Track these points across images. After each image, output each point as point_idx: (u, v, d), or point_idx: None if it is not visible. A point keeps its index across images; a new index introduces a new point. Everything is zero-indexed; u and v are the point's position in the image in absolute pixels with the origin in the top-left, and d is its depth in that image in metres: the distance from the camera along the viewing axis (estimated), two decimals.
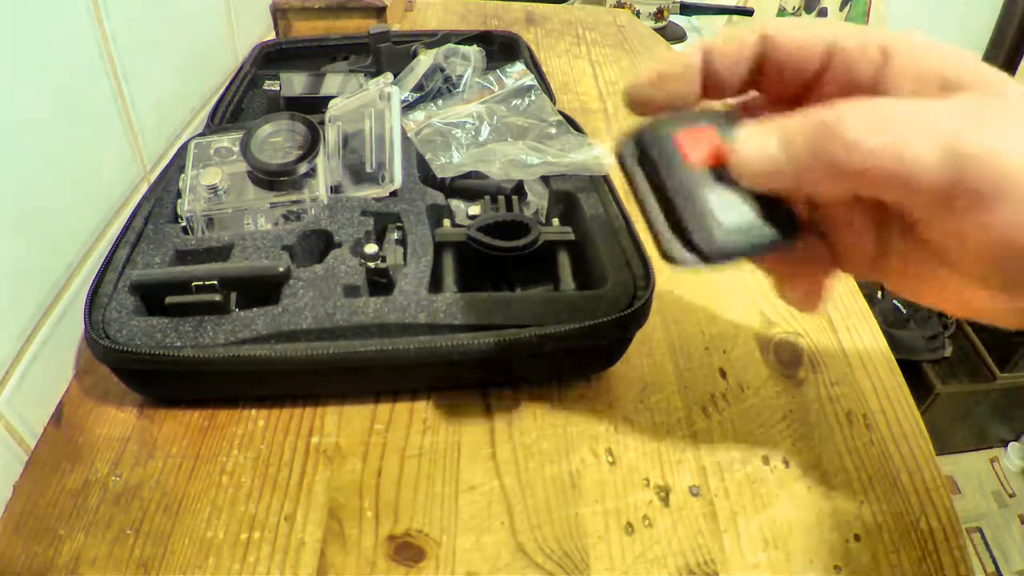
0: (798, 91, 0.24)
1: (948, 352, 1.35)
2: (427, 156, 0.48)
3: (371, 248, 0.39)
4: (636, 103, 0.24)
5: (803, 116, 0.20)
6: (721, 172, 0.22)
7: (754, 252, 0.22)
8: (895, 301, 1.34)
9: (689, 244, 0.21)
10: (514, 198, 0.44)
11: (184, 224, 0.41)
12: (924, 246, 0.22)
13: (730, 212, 0.21)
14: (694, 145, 0.22)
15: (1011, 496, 1.43)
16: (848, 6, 1.66)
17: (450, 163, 0.48)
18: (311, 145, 0.43)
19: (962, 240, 0.20)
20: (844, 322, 0.46)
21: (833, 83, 0.23)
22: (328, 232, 0.40)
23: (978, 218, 0.19)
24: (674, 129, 0.22)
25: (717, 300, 0.46)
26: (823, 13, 1.66)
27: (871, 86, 0.22)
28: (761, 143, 0.21)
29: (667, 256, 0.21)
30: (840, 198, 0.24)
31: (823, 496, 0.36)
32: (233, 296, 0.37)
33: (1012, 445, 1.48)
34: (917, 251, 0.23)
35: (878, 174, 0.19)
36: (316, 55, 0.66)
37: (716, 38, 0.24)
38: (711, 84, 0.24)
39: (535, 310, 0.36)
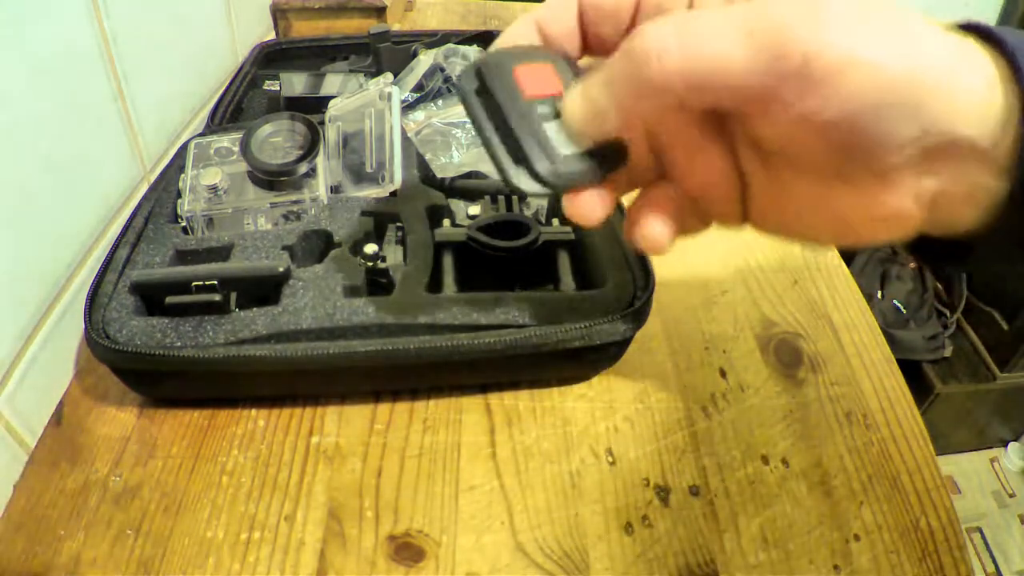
0: (616, 44, 0.24)
1: (948, 352, 1.35)
2: (427, 156, 0.48)
3: (371, 248, 0.39)
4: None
5: (617, 51, 0.21)
6: (556, 104, 0.22)
7: (594, 177, 0.23)
8: (895, 301, 1.34)
9: (532, 173, 0.22)
10: (514, 198, 0.44)
11: (184, 224, 0.41)
12: (774, 160, 0.23)
13: (565, 142, 0.22)
14: (531, 80, 0.22)
15: (1011, 496, 1.43)
16: None
17: (450, 163, 0.48)
18: (311, 145, 0.43)
19: (797, 130, 0.20)
20: (844, 322, 0.46)
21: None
22: (328, 232, 0.40)
23: (802, 103, 0.19)
24: (514, 63, 0.23)
25: (717, 300, 0.46)
26: None
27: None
28: (586, 94, 0.21)
29: (512, 185, 0.22)
30: (672, 121, 0.24)
31: (823, 496, 0.36)
32: (233, 296, 0.37)
33: (1012, 445, 1.48)
34: (769, 169, 0.23)
35: (692, 79, 0.19)
36: (316, 55, 0.66)
37: (543, 10, 0.25)
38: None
39: (535, 310, 0.36)
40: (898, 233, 0.22)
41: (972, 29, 0.20)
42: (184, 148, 0.45)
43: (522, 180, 0.22)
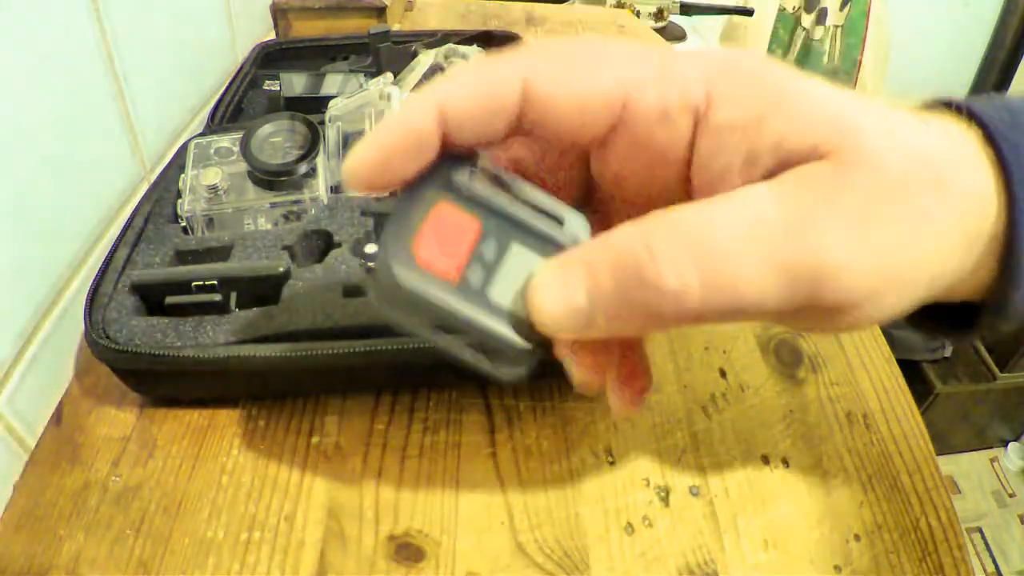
0: (581, 148, 0.21)
1: (948, 352, 1.35)
2: None
3: (371, 248, 0.39)
4: (363, 187, 0.19)
5: (608, 252, 0.17)
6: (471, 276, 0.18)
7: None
8: None
9: (505, 362, 0.19)
10: None
11: (184, 224, 0.41)
12: None
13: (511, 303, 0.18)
14: (439, 247, 0.17)
15: (1011, 496, 1.43)
16: (848, 6, 1.66)
17: None
18: (311, 145, 0.43)
19: (827, 331, 0.20)
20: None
21: (626, 151, 0.19)
22: (328, 232, 0.40)
23: (830, 322, 0.18)
24: (410, 225, 0.17)
25: None
26: (823, 13, 1.66)
27: (681, 159, 0.19)
28: (565, 293, 0.18)
29: (496, 379, 0.19)
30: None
31: (823, 496, 0.36)
32: (233, 296, 0.37)
33: (1012, 445, 1.48)
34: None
35: (711, 315, 0.17)
36: (316, 55, 0.66)
37: (455, 83, 0.18)
38: (451, 142, 0.19)
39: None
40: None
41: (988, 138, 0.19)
42: (184, 148, 0.45)
43: (502, 371, 0.19)
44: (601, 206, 0.23)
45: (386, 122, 0.18)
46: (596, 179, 0.22)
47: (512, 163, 0.22)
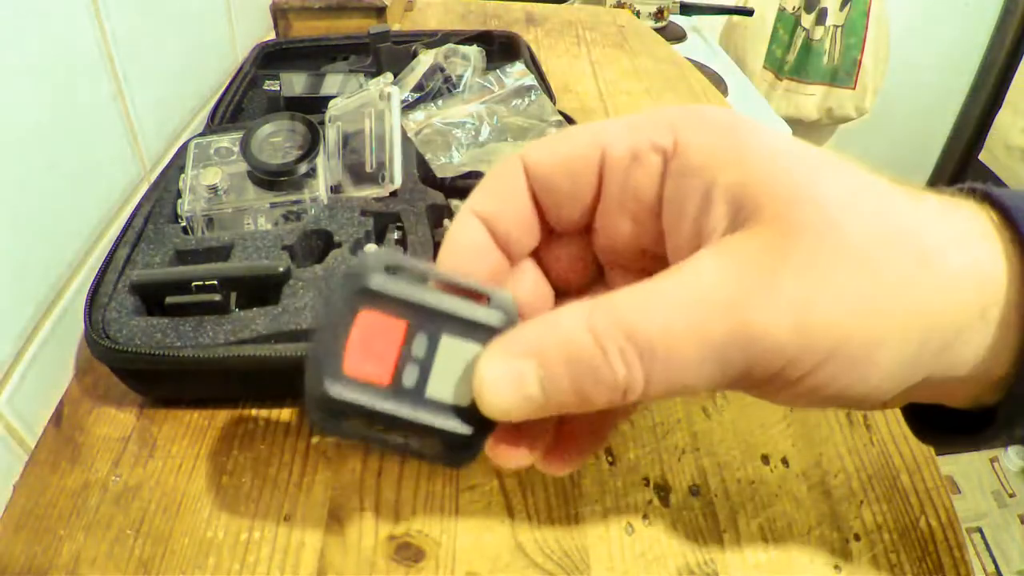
0: (583, 218, 0.21)
1: None
2: (427, 156, 0.48)
3: (371, 248, 0.39)
4: None
5: (559, 342, 0.17)
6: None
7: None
8: None
9: (455, 449, 0.19)
10: None
11: (184, 224, 0.41)
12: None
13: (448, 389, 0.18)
14: (368, 354, 0.18)
15: (1011, 496, 1.43)
16: (848, 6, 1.66)
17: (450, 163, 0.48)
18: (311, 145, 0.43)
19: (781, 401, 0.19)
20: None
21: (614, 204, 0.20)
22: (328, 232, 0.40)
23: (783, 391, 0.18)
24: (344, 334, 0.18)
25: None
26: (823, 13, 1.66)
27: (654, 201, 0.19)
28: (516, 384, 0.18)
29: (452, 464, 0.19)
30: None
31: (823, 496, 0.36)
32: (233, 296, 0.37)
33: (1012, 445, 1.48)
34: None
35: (659, 397, 0.17)
36: (316, 55, 0.66)
37: (482, 198, 0.20)
38: (506, 250, 0.21)
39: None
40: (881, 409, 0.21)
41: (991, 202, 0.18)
42: (184, 148, 0.45)
43: (453, 458, 0.19)
44: (610, 286, 0.24)
45: (444, 249, 0.21)
46: (599, 257, 0.23)
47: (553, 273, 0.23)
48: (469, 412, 0.18)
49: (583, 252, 0.23)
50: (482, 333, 0.18)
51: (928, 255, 0.17)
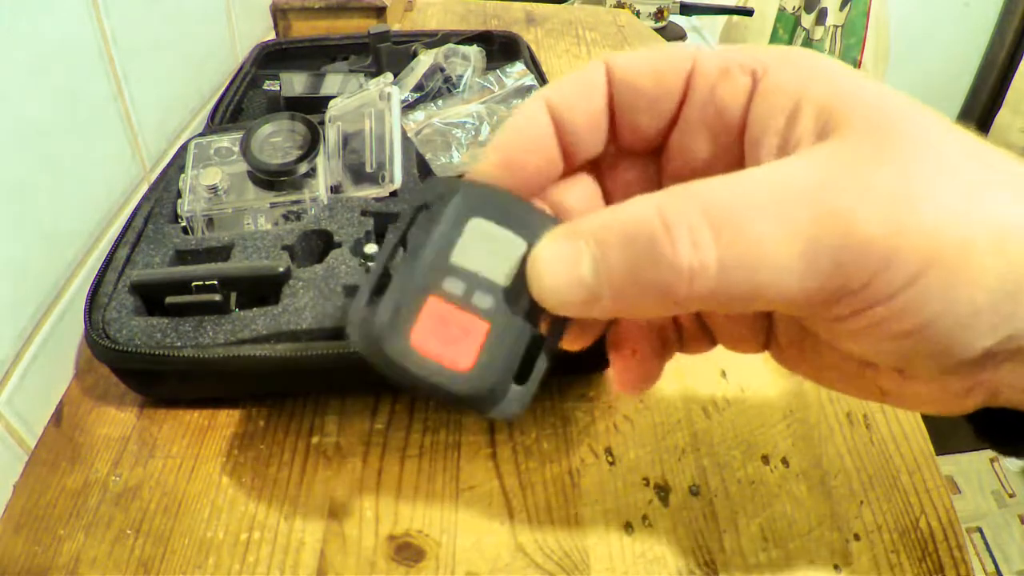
0: (658, 135, 0.20)
1: None
2: (427, 156, 0.48)
3: (371, 248, 0.39)
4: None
5: (619, 223, 0.16)
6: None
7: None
8: None
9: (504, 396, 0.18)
10: None
11: (184, 224, 0.41)
12: (817, 336, 0.19)
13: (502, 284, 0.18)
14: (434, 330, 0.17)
15: (1011, 496, 1.43)
16: (848, 6, 1.66)
17: (450, 163, 0.48)
18: (311, 145, 0.43)
19: (859, 338, 0.16)
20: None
21: (695, 120, 0.19)
22: (328, 232, 0.40)
23: (870, 315, 0.15)
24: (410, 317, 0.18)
25: None
26: (823, 13, 1.66)
27: (739, 121, 0.18)
28: (568, 263, 0.16)
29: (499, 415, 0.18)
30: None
31: (823, 496, 0.36)
32: (233, 296, 0.37)
33: None
34: (811, 340, 0.20)
35: (728, 296, 0.15)
36: (316, 55, 0.66)
37: (557, 88, 0.19)
38: (568, 151, 0.19)
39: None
40: (945, 411, 0.19)
41: None
42: (184, 148, 0.45)
43: (511, 406, 0.19)
44: None
45: (504, 128, 0.19)
46: (667, 184, 0.21)
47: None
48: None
49: (649, 177, 0.21)
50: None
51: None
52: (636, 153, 0.21)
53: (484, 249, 0.18)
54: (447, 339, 0.17)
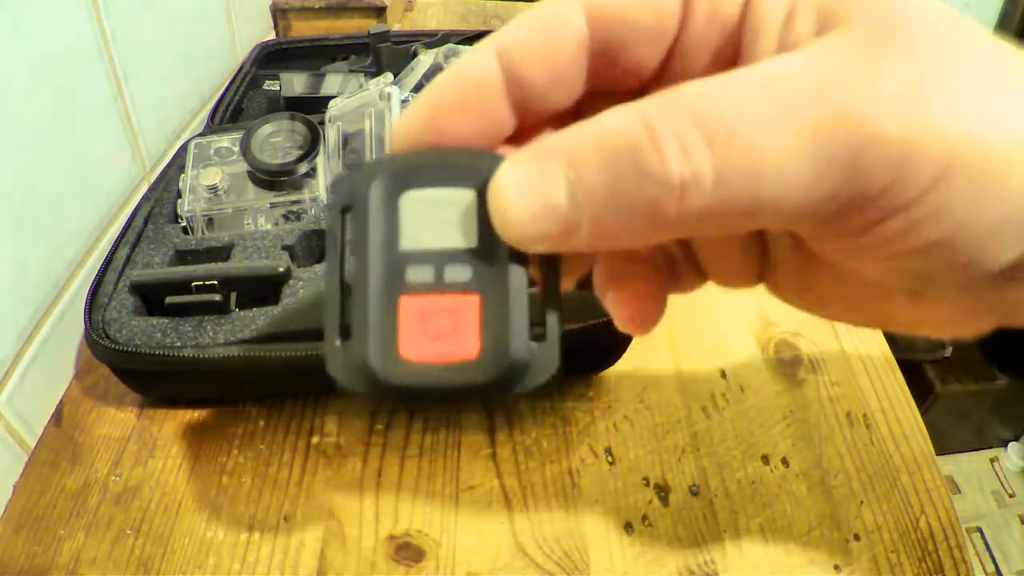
0: (650, 70, 0.17)
1: (948, 352, 1.35)
2: None
3: None
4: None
5: (593, 134, 0.14)
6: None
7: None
8: None
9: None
10: None
11: (184, 224, 0.41)
12: (820, 260, 0.17)
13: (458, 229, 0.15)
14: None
15: (1011, 496, 1.43)
16: None
17: None
18: (311, 145, 0.43)
19: (873, 255, 0.14)
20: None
21: (694, 45, 0.16)
22: None
23: (887, 226, 0.13)
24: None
25: (717, 300, 0.46)
26: None
27: (736, 30, 0.16)
28: (536, 189, 0.14)
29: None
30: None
31: (823, 496, 0.36)
32: (233, 296, 0.37)
33: (1012, 445, 1.48)
34: (807, 261, 0.18)
35: (726, 211, 0.13)
36: (316, 55, 0.66)
37: (514, 32, 0.15)
38: (523, 106, 0.16)
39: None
40: (959, 335, 0.17)
41: None
42: (184, 148, 0.45)
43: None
44: None
45: (436, 82, 0.16)
46: None
47: None
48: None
49: None
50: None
51: None
52: (621, 92, 0.17)
53: (431, 219, 0.15)
54: (439, 334, 0.15)
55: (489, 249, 0.15)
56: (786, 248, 0.18)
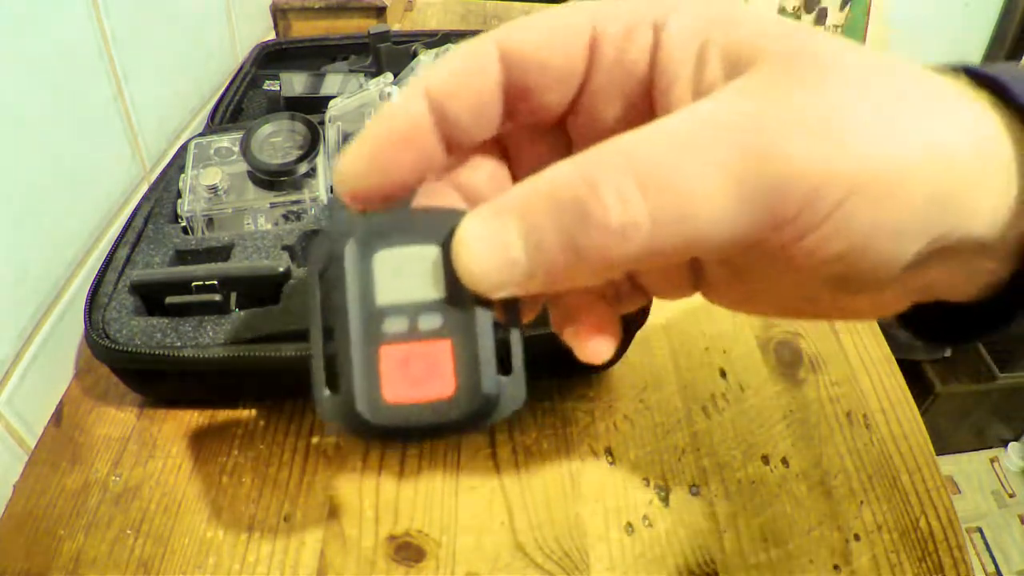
0: (562, 108, 0.19)
1: (948, 352, 1.35)
2: None
3: None
4: (358, 199, 0.18)
5: (540, 190, 0.15)
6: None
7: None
8: None
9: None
10: None
11: (184, 224, 0.41)
12: (748, 270, 0.19)
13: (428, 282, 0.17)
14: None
15: (1011, 496, 1.43)
16: (848, 6, 1.66)
17: None
18: (311, 145, 0.43)
19: (793, 265, 0.16)
20: (844, 322, 0.46)
21: (603, 85, 0.18)
22: None
23: (801, 244, 0.15)
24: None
25: None
26: (823, 13, 1.66)
27: (646, 75, 0.17)
28: (495, 243, 0.16)
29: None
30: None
31: (823, 496, 0.36)
32: (233, 296, 0.37)
33: (1012, 445, 1.48)
34: (742, 273, 0.19)
35: (664, 250, 0.15)
36: (316, 55, 0.66)
37: (439, 73, 0.17)
38: (452, 139, 0.18)
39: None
40: (882, 315, 0.19)
41: (984, 80, 0.16)
42: (184, 148, 0.45)
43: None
44: None
45: (373, 122, 0.18)
46: (581, 145, 0.20)
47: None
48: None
49: (559, 146, 0.21)
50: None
51: (940, 91, 0.15)
52: (543, 125, 0.20)
53: (402, 275, 0.17)
54: (418, 378, 0.17)
55: (456, 297, 0.17)
56: (717, 263, 0.20)
